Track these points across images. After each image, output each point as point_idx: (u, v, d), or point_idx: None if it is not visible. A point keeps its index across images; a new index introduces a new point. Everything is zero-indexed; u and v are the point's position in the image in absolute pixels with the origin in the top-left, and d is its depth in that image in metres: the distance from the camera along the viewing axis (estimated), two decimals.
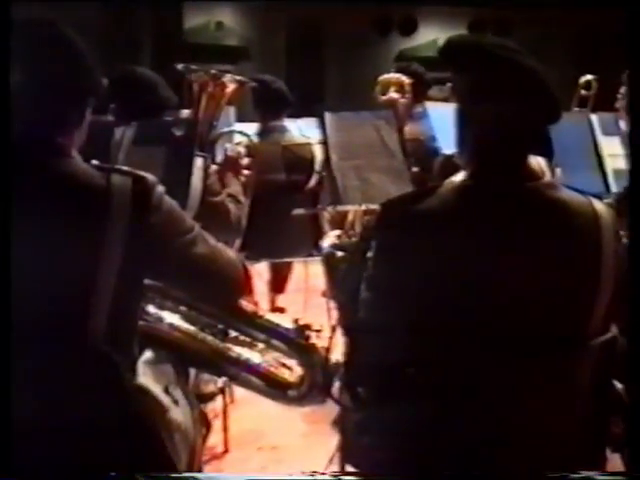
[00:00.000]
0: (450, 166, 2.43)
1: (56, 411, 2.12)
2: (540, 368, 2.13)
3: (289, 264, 6.35)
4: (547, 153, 2.32)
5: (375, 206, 2.63)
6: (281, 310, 6.10)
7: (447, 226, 2.16)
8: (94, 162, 2.25)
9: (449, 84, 2.31)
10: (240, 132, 4.19)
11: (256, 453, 4.41)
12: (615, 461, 2.34)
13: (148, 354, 2.40)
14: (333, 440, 3.40)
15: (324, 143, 3.73)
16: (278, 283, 6.44)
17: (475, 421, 2.12)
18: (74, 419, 2.12)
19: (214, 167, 3.55)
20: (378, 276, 2.24)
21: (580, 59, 13.99)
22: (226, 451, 4.36)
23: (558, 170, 3.11)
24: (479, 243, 2.12)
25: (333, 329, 2.62)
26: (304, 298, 6.15)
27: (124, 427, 2.18)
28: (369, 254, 2.24)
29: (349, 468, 2.52)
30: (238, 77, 3.53)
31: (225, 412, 4.38)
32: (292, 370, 2.64)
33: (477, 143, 2.22)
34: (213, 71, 3.47)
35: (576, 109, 5.20)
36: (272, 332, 2.63)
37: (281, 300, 6.41)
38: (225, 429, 4.37)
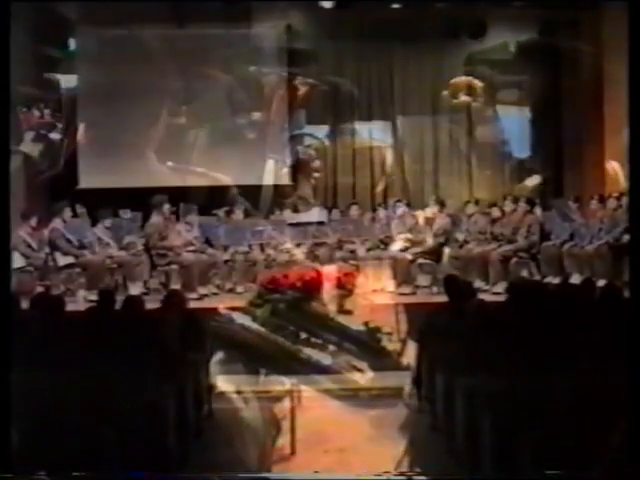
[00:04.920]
0: (522, 170, 2.42)
1: (130, 410, 2.14)
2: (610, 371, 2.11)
3: (357, 266, 6.33)
4: (622, 157, 2.30)
5: (446, 209, 2.62)
6: (349, 312, 6.08)
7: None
8: (169, 163, 2.28)
9: (520, 87, 2.29)
10: (311, 135, 4.19)
11: (322, 455, 4.38)
12: None
13: (220, 354, 2.43)
14: (400, 444, 3.38)
15: (395, 146, 3.73)
16: (346, 285, 6.42)
17: (546, 425, 2.10)
18: (147, 418, 2.14)
19: (285, 169, 3.56)
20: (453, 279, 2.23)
21: None
22: (293, 453, 4.34)
23: None
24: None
25: (404, 333, 2.62)
26: (371, 301, 6.13)
27: (196, 426, 2.20)
28: (444, 258, 2.24)
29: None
30: (309, 80, 3.54)
31: (292, 414, 4.36)
32: (363, 372, 2.64)
33: (552, 147, 2.20)
34: (285, 74, 3.48)
35: None
36: (343, 334, 2.64)
37: (348, 302, 6.38)
38: (292, 431, 4.35)
